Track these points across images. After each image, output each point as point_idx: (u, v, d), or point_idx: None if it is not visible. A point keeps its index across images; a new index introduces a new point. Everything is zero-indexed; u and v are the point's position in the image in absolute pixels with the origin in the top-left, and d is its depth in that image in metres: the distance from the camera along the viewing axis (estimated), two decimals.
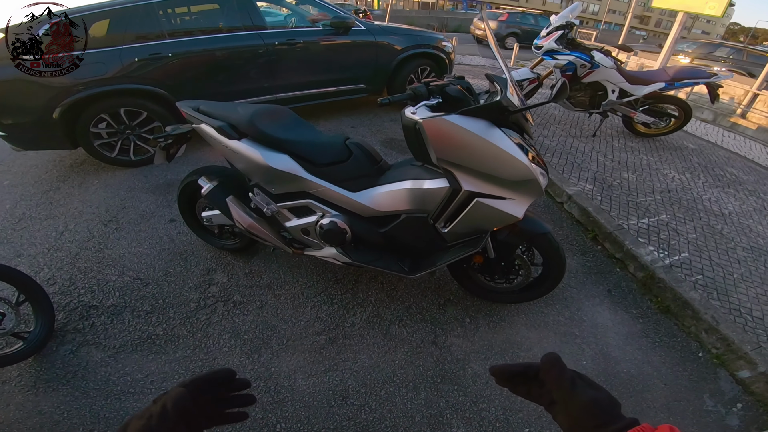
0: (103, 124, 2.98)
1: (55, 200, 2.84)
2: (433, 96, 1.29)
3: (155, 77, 2.98)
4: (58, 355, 1.71)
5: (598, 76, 3.62)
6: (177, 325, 1.86)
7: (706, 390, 1.74)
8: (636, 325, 2.03)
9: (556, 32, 3.62)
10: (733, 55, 9.95)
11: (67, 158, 3.47)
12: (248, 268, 2.19)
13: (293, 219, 1.74)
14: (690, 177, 3.41)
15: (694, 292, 2.09)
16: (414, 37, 4.04)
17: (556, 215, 2.88)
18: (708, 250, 2.44)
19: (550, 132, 4.03)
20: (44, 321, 1.72)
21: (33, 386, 1.59)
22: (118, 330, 1.83)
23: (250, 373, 1.64)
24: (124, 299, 1.99)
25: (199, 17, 3.38)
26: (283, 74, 3.49)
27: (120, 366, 1.67)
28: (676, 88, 3.60)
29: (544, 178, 1.43)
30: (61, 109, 2.75)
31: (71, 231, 2.49)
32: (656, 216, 2.74)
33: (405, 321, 1.91)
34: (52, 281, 2.09)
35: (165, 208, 2.69)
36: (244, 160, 1.64)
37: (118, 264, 2.22)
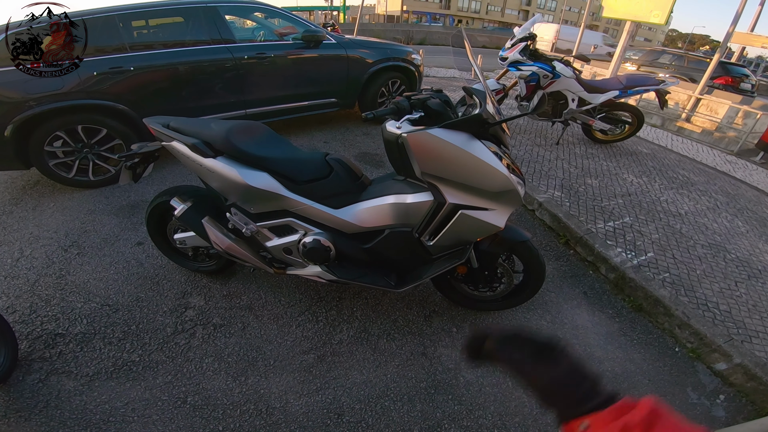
0: (59, 143, 2.79)
1: (8, 225, 2.62)
2: (415, 110, 1.31)
3: (116, 92, 2.84)
4: (26, 385, 1.61)
5: (560, 85, 3.80)
6: (154, 350, 1.77)
7: (688, 384, 1.83)
8: (614, 325, 2.12)
9: (520, 44, 3.79)
10: (675, 61, 10.60)
11: (19, 179, 3.22)
12: (226, 289, 2.11)
13: (274, 238, 1.70)
14: (647, 180, 3.64)
15: (663, 289, 2.21)
16: (384, 50, 4.10)
17: (529, 222, 2.98)
18: (671, 249, 2.60)
19: (517, 141, 4.19)
20: (6, 349, 1.60)
21: (4, 416, 1.50)
22: (89, 358, 1.73)
23: (239, 396, 1.58)
24: (92, 326, 1.87)
25: (163, 30, 3.28)
26: (252, 89, 3.42)
27: (96, 395, 1.58)
28: (629, 95, 3.86)
29: (522, 187, 1.47)
30: (13, 126, 2.56)
31: (27, 257, 2.30)
32: (620, 219, 2.90)
33: (393, 335, 1.89)
34: (11, 309, 1.94)
35: (130, 231, 2.55)
36: (221, 179, 1.59)
37: (83, 290, 2.08)
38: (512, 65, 3.84)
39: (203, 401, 1.56)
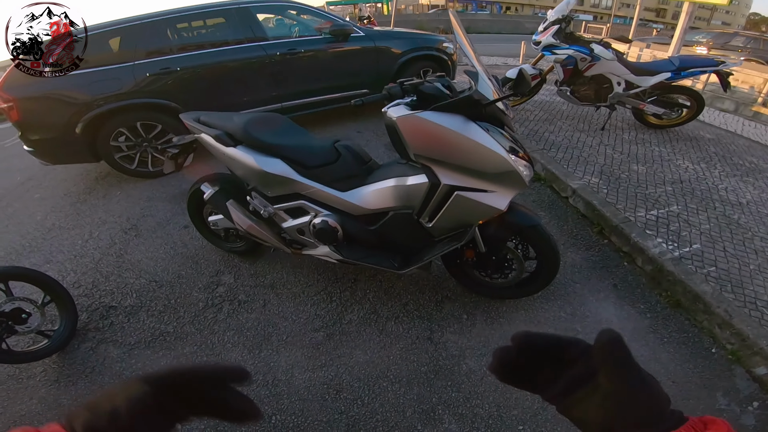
0: (122, 138, 3.17)
1: (82, 211, 3.05)
2: (408, 95, 1.33)
3: (166, 91, 3.16)
4: (79, 352, 1.85)
5: (601, 68, 3.56)
6: (186, 323, 1.97)
7: (720, 388, 1.66)
8: (643, 321, 1.97)
9: (553, 27, 3.59)
10: (751, 44, 9.94)
11: (93, 171, 3.71)
12: (253, 269, 2.28)
13: (289, 220, 1.82)
14: (705, 167, 3.28)
15: (705, 284, 2.01)
16: (414, 40, 4.09)
17: (561, 210, 2.84)
18: (722, 241, 2.35)
19: (556, 127, 3.97)
20: (68, 320, 1.86)
21: (55, 381, 1.73)
22: (133, 328, 1.96)
23: (251, 367, 1.72)
24: (140, 300, 2.13)
25: (203, 32, 3.56)
26: (286, 83, 3.61)
27: (133, 361, 1.79)
28: (683, 77, 3.50)
29: (527, 170, 1.44)
30: (83, 124, 2.96)
31: (95, 239, 2.67)
32: (666, 207, 2.65)
33: (401, 318, 1.93)
34: (77, 285, 2.25)
35: (180, 216, 2.83)
36: (241, 166, 1.74)
37: (136, 268, 2.36)
38: (546, 49, 3.65)
39: None
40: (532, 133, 3.86)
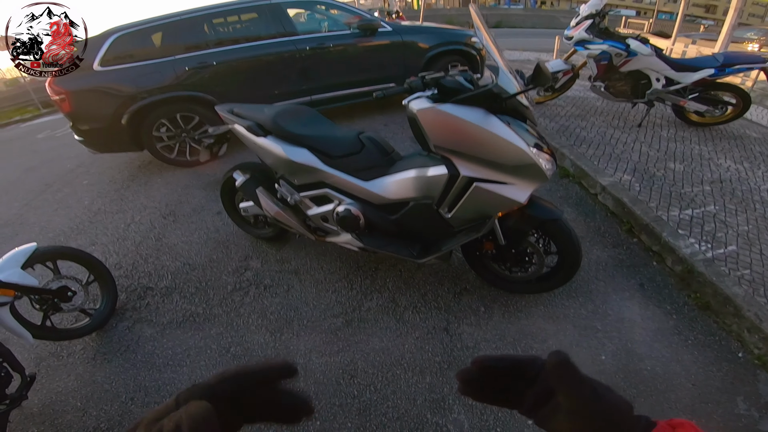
0: (164, 129, 3.38)
1: (125, 197, 3.28)
2: (428, 88, 1.36)
3: (203, 84, 3.33)
4: (116, 331, 1.98)
5: (638, 64, 3.43)
6: (215, 305, 2.09)
7: (741, 393, 1.60)
8: (668, 322, 1.91)
9: (586, 21, 3.48)
10: None
11: (136, 160, 3.98)
12: (280, 255, 2.39)
13: (314, 207, 1.90)
14: (749, 166, 3.09)
15: (737, 287, 1.92)
16: (441, 34, 4.08)
17: (589, 207, 2.77)
18: (760, 243, 2.23)
19: (589, 123, 3.85)
20: (109, 300, 2.00)
21: (92, 358, 1.85)
22: (167, 309, 2.09)
23: (272, 350, 1.81)
24: (174, 282, 2.27)
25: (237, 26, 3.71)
26: (315, 77, 3.71)
27: (165, 341, 1.91)
28: (727, 74, 3.30)
29: (549, 164, 1.43)
30: (128, 115, 3.18)
31: (137, 223, 2.87)
32: (702, 207, 2.54)
33: (419, 307, 1.97)
34: (118, 266, 2.43)
35: (213, 203, 2.99)
36: (270, 155, 1.83)
37: (173, 251, 2.53)
38: (579, 44, 3.55)
39: (243, 351, 1.82)
40: (563, 128, 3.77)
